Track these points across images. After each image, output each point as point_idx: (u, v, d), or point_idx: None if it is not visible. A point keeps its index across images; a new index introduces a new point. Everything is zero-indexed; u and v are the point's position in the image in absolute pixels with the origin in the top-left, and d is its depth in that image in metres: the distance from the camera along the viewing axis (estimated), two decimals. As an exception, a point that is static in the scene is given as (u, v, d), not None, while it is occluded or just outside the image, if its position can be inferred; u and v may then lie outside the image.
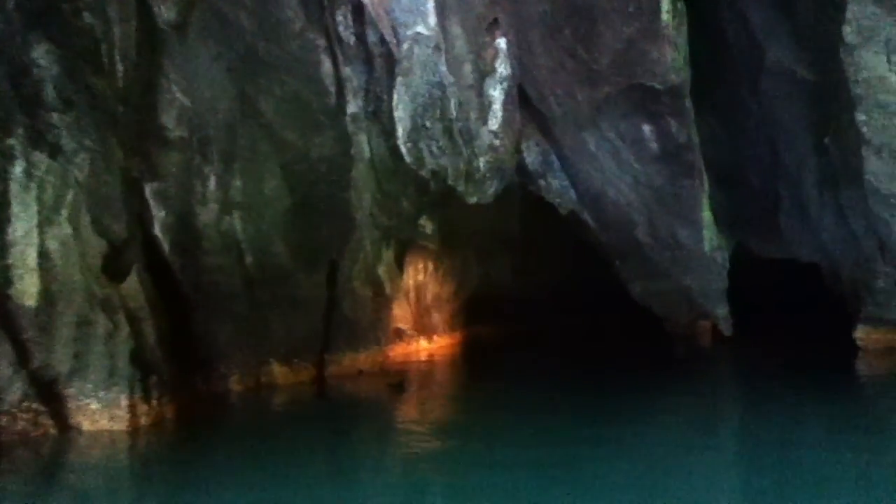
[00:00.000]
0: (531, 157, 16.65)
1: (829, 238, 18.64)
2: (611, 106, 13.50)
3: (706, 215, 15.36)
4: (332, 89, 15.07)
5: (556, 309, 22.98)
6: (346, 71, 15.05)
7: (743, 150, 19.16)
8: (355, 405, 14.16)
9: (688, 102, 13.63)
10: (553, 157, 16.53)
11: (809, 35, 14.89)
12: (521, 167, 16.86)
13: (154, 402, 11.23)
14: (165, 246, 13.12)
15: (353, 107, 15.20)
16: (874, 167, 13.97)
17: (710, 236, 15.72)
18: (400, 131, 12.22)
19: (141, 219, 12.74)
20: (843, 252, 18.32)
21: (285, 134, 14.67)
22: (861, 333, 17.99)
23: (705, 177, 14.94)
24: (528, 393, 14.44)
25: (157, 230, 13.02)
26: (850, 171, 15.37)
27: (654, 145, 14.20)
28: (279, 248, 14.65)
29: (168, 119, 13.23)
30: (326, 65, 14.92)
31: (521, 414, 12.53)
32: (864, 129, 13.36)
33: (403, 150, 12.35)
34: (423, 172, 12.54)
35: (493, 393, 14.81)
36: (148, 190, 12.88)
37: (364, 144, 15.50)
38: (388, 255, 17.13)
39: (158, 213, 12.99)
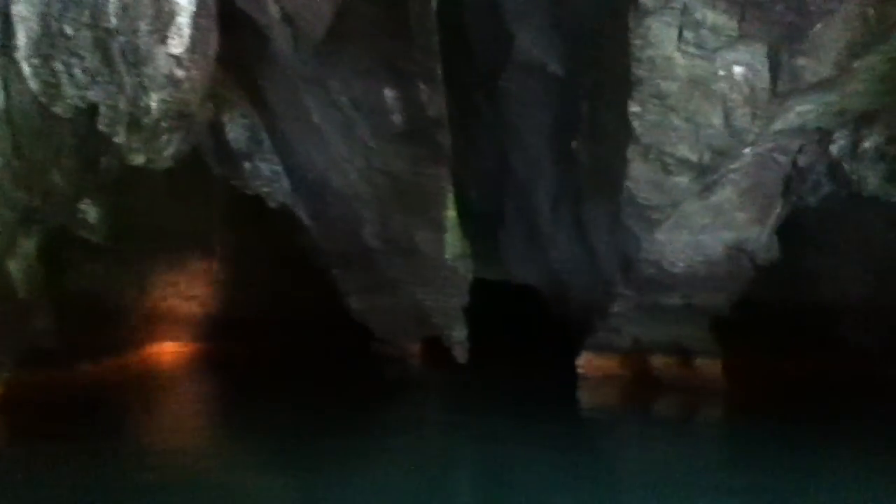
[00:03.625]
0: (235, 133, 12.08)
1: (560, 258, 16.19)
2: (348, 56, 9.35)
3: (451, 215, 11.81)
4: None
5: (265, 328, 18.29)
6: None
7: (467, 160, 16.18)
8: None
9: (440, 67, 9.94)
10: (263, 134, 12.08)
11: (572, 14, 11.97)
12: (221, 148, 12.27)
13: None
14: None
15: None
16: (638, 172, 11.29)
17: (453, 241, 12.18)
18: (21, 39, 7.17)
19: None
20: (574, 274, 15.88)
21: None
22: (583, 361, 15.74)
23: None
24: (199, 434, 10.52)
25: None
26: (603, 178, 12.73)
27: (397, 117, 10.36)
28: None
29: None
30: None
31: (184, 461, 8.86)
32: (636, 124, 10.58)
33: (26, 69, 7.34)
34: (59, 108, 7.53)
35: (151, 435, 10.02)
36: None
37: (-3, 88, 9.91)
38: (28, 245, 11.50)
39: None
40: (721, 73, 9.53)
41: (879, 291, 14.62)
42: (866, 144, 9.95)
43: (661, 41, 9.44)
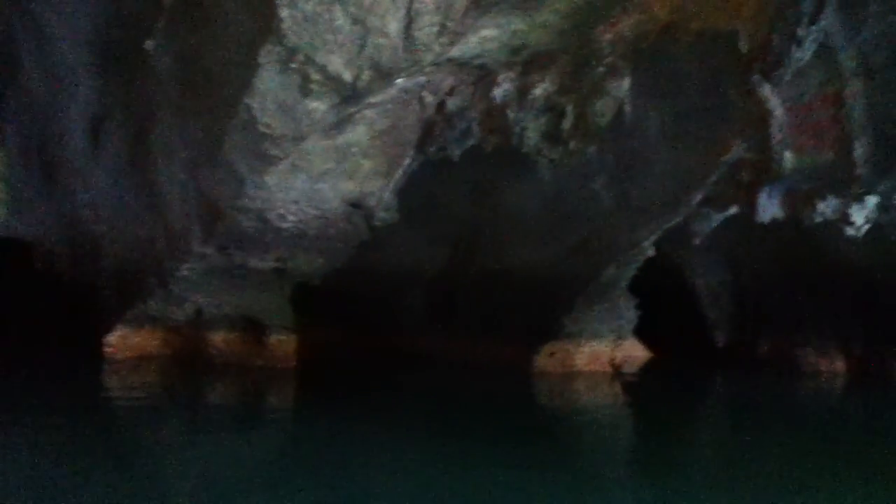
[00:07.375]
0: None
1: (93, 202, 12.02)
2: None
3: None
4: None
5: None
6: None
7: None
8: None
9: None
10: None
11: None
12: None
13: None
14: None
15: None
16: (269, 85, 7.95)
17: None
18: None
19: None
20: (115, 223, 11.80)
21: None
22: (116, 338, 11.99)
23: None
24: None
25: None
26: (198, 94, 9.03)
27: None
28: None
29: None
30: None
31: None
32: (284, 14, 7.22)
33: None
34: None
35: None
36: None
37: None
38: None
39: None
40: (417, -41, 6.82)
41: (451, 263, 13.65)
42: (537, 91, 8.30)
43: None
